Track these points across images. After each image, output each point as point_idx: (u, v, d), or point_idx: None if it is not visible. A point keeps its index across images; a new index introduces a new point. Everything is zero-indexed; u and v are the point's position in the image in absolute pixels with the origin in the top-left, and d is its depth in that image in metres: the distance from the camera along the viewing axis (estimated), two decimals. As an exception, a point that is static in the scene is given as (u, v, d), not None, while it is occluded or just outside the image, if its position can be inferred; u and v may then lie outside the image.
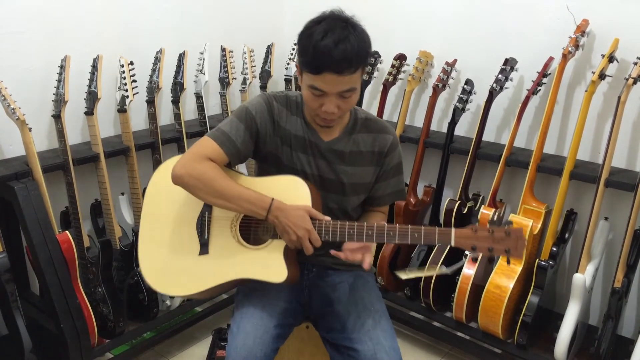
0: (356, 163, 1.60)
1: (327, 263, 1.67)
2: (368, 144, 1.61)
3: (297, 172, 1.57)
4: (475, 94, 2.40)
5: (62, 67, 2.07)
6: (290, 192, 1.52)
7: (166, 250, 1.58)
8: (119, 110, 2.26)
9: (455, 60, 2.47)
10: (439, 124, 2.66)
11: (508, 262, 1.31)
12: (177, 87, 2.40)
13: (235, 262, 1.54)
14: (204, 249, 1.56)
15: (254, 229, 1.59)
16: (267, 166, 1.61)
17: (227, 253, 1.54)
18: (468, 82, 2.39)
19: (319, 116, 1.49)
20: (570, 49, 2.11)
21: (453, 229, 1.39)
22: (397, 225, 1.44)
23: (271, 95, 1.59)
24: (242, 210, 1.49)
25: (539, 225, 2.20)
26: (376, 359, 1.46)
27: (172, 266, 1.57)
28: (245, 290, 1.65)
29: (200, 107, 2.52)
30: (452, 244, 1.38)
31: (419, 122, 2.68)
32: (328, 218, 1.47)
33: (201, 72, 2.48)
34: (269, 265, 1.51)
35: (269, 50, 2.79)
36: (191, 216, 1.58)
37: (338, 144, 1.59)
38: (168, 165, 1.56)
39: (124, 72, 2.22)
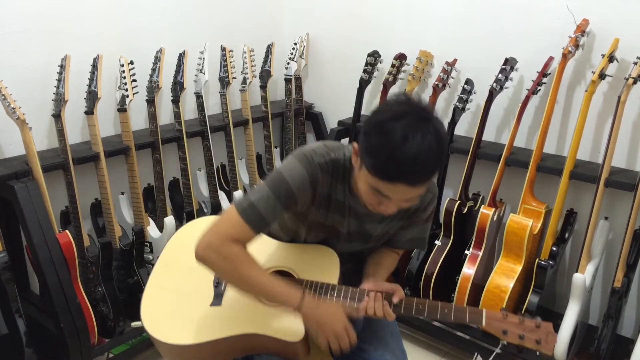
0: (388, 220, 1.51)
1: None
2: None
3: (324, 226, 1.49)
4: (475, 93, 2.40)
5: (62, 66, 2.07)
6: (320, 265, 1.46)
7: (175, 297, 1.49)
8: (119, 110, 2.26)
9: (455, 60, 2.47)
10: (439, 124, 2.66)
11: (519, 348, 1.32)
12: (177, 87, 2.40)
13: (248, 316, 1.41)
14: (217, 299, 1.47)
15: None
16: (295, 218, 1.49)
17: (240, 306, 1.43)
18: (468, 81, 2.39)
19: (372, 208, 1.34)
20: (570, 48, 2.11)
21: (484, 310, 1.34)
22: (427, 300, 1.38)
23: (316, 164, 1.37)
24: (270, 302, 1.40)
25: (539, 225, 2.20)
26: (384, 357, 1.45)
27: (178, 313, 1.47)
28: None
29: (200, 107, 2.52)
30: (483, 324, 1.33)
31: (419, 122, 2.68)
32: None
33: (201, 72, 2.48)
34: (285, 322, 1.40)
35: (269, 50, 2.79)
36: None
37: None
38: (194, 226, 1.54)
39: (124, 71, 2.22)
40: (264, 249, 1.54)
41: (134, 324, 2.15)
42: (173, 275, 1.53)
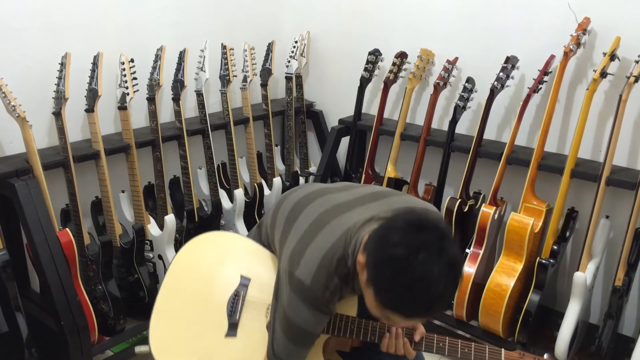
0: None
1: None
2: None
3: None
4: (476, 92, 2.39)
5: (62, 64, 2.06)
6: None
7: (187, 327, 1.45)
8: (119, 108, 2.25)
9: (456, 59, 2.47)
10: (440, 122, 2.66)
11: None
12: (178, 85, 2.40)
13: (265, 347, 1.38)
14: (232, 330, 1.43)
15: None
16: None
17: (257, 338, 1.39)
18: (469, 80, 2.38)
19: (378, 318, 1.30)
20: (571, 47, 2.10)
21: (503, 351, 1.36)
22: (447, 338, 1.38)
23: (324, 300, 1.30)
24: None
25: (540, 224, 2.20)
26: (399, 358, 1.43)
27: (192, 345, 1.43)
28: None
29: (201, 105, 2.51)
30: None
31: (419, 121, 2.68)
32: None
33: (202, 70, 2.48)
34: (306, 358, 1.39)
35: (269, 48, 2.79)
36: (221, 294, 1.46)
37: None
38: (197, 241, 1.51)
39: (124, 69, 2.22)
40: (275, 271, 1.49)
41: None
42: (182, 302, 1.48)
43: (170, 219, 2.36)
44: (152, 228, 2.38)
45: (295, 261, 1.30)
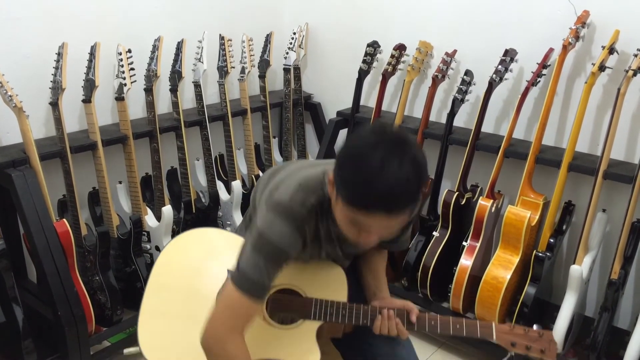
0: None
1: None
2: None
3: (323, 258, 1.48)
4: (474, 85, 2.39)
5: (59, 54, 2.05)
6: (327, 282, 1.45)
7: (176, 324, 1.43)
8: (116, 98, 2.25)
9: (455, 51, 2.46)
10: (438, 115, 2.65)
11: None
12: (175, 76, 2.39)
13: (261, 341, 1.38)
14: None
15: (285, 308, 1.47)
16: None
17: (252, 331, 1.36)
18: (467, 72, 2.38)
19: (352, 237, 1.27)
20: (570, 40, 2.10)
21: (493, 324, 1.39)
22: (438, 316, 1.40)
23: (299, 218, 1.30)
24: None
25: (537, 217, 2.20)
26: (394, 351, 1.44)
27: (183, 341, 1.40)
28: None
29: (199, 96, 2.51)
30: (494, 338, 1.38)
31: (417, 113, 2.67)
32: None
33: (199, 61, 2.47)
34: (300, 346, 1.39)
35: (268, 39, 2.78)
36: (209, 289, 1.44)
37: None
38: (184, 237, 1.50)
39: (121, 59, 2.21)
40: None
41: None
42: (171, 299, 1.46)
43: (167, 210, 2.36)
44: (150, 219, 2.38)
45: (273, 191, 1.34)
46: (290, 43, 2.84)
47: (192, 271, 1.50)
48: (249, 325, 1.33)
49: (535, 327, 1.39)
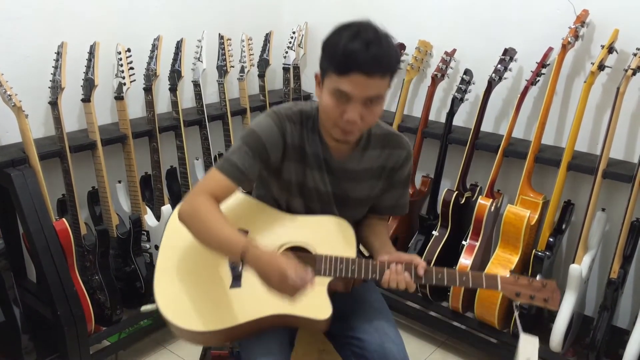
0: (365, 179, 1.55)
1: None
2: (381, 160, 1.54)
3: (309, 189, 1.51)
4: (474, 84, 2.39)
5: (58, 53, 2.05)
6: (336, 238, 1.47)
7: (190, 282, 1.45)
8: (116, 98, 2.25)
9: (454, 50, 2.46)
10: (438, 114, 2.65)
11: (543, 310, 1.43)
12: (175, 75, 2.39)
13: (272, 296, 1.36)
14: (236, 282, 1.44)
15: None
16: (275, 180, 1.52)
17: (261, 286, 1.35)
18: (467, 72, 2.38)
19: (338, 127, 1.38)
20: (569, 39, 2.10)
21: (498, 276, 1.41)
22: (444, 269, 1.42)
23: (283, 115, 1.47)
24: (220, 253, 1.40)
25: (536, 216, 2.20)
26: (384, 348, 1.45)
27: (198, 299, 1.43)
28: None
29: (198, 95, 2.51)
30: (499, 288, 1.40)
31: (417, 112, 2.67)
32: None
33: (199, 60, 2.46)
34: (312, 301, 1.38)
35: (267, 39, 2.78)
36: None
37: (350, 163, 1.52)
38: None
39: (121, 59, 2.21)
40: (276, 224, 1.51)
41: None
42: (183, 259, 1.49)
43: (167, 209, 2.36)
44: (149, 219, 2.38)
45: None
46: (290, 42, 2.84)
47: None
48: (223, 199, 1.43)
49: (538, 277, 1.40)
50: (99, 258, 2.20)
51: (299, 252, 1.47)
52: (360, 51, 1.29)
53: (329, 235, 1.47)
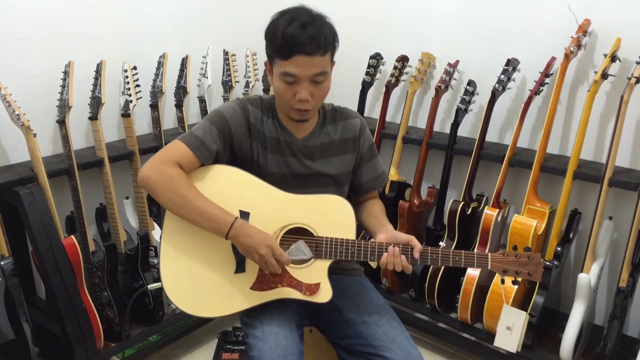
0: (331, 154, 1.61)
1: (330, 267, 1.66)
2: (339, 132, 1.62)
3: (272, 174, 1.56)
4: (477, 94, 2.40)
5: (65, 72, 2.08)
6: (336, 219, 1.50)
7: (196, 268, 1.49)
8: (122, 115, 2.27)
9: (457, 61, 2.47)
10: (442, 125, 2.66)
11: (514, 282, 1.50)
12: (180, 91, 2.41)
13: (275, 281, 1.46)
14: (240, 266, 1.49)
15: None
16: (244, 169, 1.56)
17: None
18: (470, 82, 2.39)
19: (293, 108, 1.48)
20: (572, 48, 2.11)
21: (489, 254, 1.48)
22: (439, 249, 1.47)
23: (245, 99, 1.59)
24: (203, 226, 1.45)
25: (543, 225, 2.20)
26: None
27: (204, 285, 1.48)
28: None
29: (204, 111, 2.53)
30: (489, 267, 1.47)
31: (422, 124, 2.68)
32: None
33: (204, 76, 2.49)
34: (314, 282, 1.47)
35: (271, 53, 2.79)
36: None
37: (311, 140, 1.59)
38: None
39: (127, 76, 2.23)
40: (278, 205, 1.52)
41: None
42: (187, 244, 1.50)
43: (174, 224, 2.37)
44: (157, 234, 2.39)
45: None
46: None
47: None
48: (184, 167, 1.47)
49: (525, 249, 1.50)
50: (107, 274, 2.21)
51: (300, 234, 1.50)
52: (298, 34, 1.40)
53: (329, 215, 1.51)
